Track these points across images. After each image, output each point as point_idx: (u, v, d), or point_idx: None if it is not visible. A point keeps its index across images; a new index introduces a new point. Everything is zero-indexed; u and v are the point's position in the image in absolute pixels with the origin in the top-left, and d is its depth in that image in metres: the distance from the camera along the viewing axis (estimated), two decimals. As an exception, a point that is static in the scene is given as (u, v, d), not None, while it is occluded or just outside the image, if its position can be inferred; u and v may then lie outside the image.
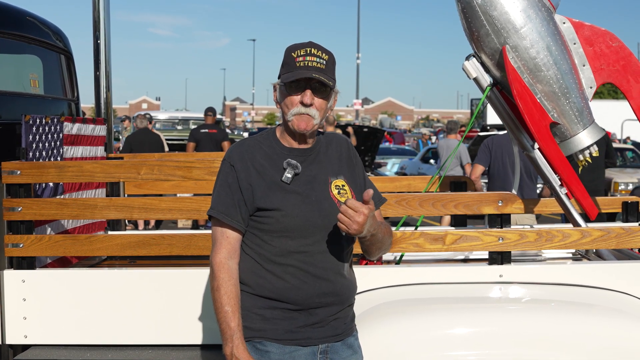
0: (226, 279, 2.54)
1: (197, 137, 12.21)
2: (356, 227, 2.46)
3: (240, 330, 2.50)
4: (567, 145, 3.81)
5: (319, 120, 2.62)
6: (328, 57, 2.62)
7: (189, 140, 12.33)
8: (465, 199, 3.72)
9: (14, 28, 4.53)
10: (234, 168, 2.63)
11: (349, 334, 2.72)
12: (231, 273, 2.56)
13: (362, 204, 2.46)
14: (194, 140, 12.21)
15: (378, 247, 2.71)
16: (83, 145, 4.62)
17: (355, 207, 2.45)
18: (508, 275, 3.53)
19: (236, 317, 2.51)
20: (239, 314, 2.52)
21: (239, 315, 2.52)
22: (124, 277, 3.66)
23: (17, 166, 3.65)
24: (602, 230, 3.53)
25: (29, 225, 3.67)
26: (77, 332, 3.59)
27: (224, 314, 2.51)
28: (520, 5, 3.60)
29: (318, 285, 2.59)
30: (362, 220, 2.45)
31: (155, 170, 3.69)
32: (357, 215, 2.44)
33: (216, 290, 2.54)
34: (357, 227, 2.46)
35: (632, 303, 3.46)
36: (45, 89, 4.94)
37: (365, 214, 2.45)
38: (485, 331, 3.27)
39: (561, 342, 3.22)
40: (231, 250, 2.59)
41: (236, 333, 2.49)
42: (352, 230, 2.46)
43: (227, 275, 2.55)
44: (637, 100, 3.81)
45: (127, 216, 3.74)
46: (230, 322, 2.50)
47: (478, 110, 4.49)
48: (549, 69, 3.64)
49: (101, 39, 5.29)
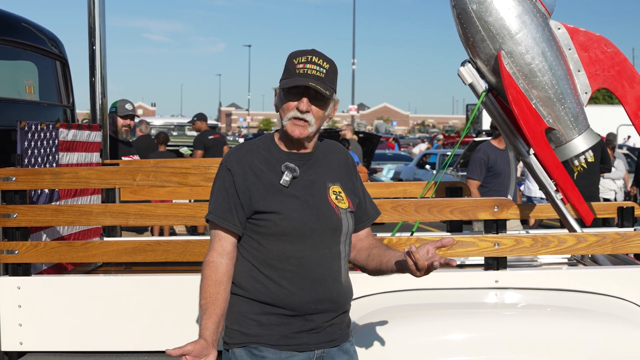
0: (208, 274, 2.55)
1: (207, 144, 11.87)
2: (423, 274, 2.48)
3: (205, 327, 2.47)
4: (562, 151, 3.82)
5: (315, 127, 2.62)
6: (329, 66, 2.62)
7: (197, 148, 11.95)
8: (460, 205, 3.73)
9: (9, 34, 4.53)
10: (231, 172, 2.63)
11: (345, 339, 2.71)
12: (216, 269, 2.55)
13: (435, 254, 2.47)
14: (203, 147, 11.85)
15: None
16: (78, 152, 4.61)
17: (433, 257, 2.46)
18: (504, 281, 3.54)
19: (206, 313, 2.49)
20: (213, 307, 2.50)
21: (212, 309, 2.49)
22: (119, 284, 3.66)
23: (12, 172, 3.64)
24: (597, 235, 3.54)
25: (24, 231, 3.66)
26: (73, 338, 3.58)
27: (199, 307, 2.52)
28: (516, 11, 3.62)
29: (314, 291, 2.59)
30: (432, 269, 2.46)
31: (151, 177, 3.69)
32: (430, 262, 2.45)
33: (199, 287, 2.56)
34: (423, 274, 2.48)
35: (628, 308, 3.47)
36: (40, 95, 4.94)
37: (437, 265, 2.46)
38: (481, 337, 3.27)
39: (557, 347, 3.22)
40: (222, 252, 2.60)
41: (202, 330, 2.47)
42: (417, 274, 2.48)
43: (209, 271, 2.55)
44: (631, 105, 3.82)
45: (122, 222, 3.74)
46: (202, 316, 2.50)
47: (473, 115, 4.50)
48: (544, 74, 3.65)
49: (96, 45, 5.29)
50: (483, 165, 6.92)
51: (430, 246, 2.50)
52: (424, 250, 2.48)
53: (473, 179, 6.98)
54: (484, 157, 6.93)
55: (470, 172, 7.05)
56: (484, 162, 6.93)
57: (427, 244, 2.51)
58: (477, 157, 6.97)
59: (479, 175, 6.93)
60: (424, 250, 2.48)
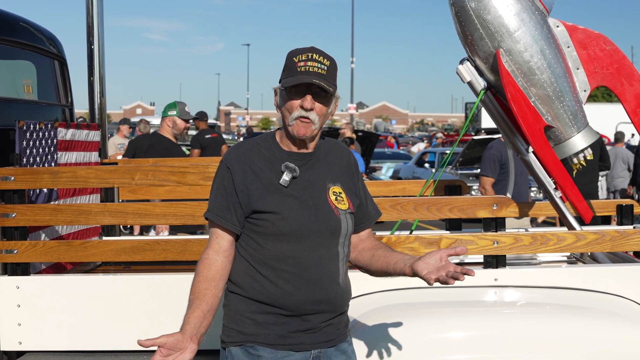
0: (200, 270, 2.55)
1: (203, 144, 11.81)
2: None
3: (186, 321, 2.47)
4: (561, 149, 3.82)
5: (318, 125, 2.61)
6: (329, 62, 2.61)
7: (194, 147, 11.90)
8: (459, 203, 3.72)
9: (7, 34, 4.53)
10: (230, 170, 2.62)
11: (342, 339, 2.70)
12: (209, 266, 2.55)
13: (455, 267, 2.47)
14: (200, 146, 11.79)
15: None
16: (77, 151, 4.61)
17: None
18: (503, 279, 3.54)
19: (191, 307, 2.49)
20: (199, 302, 2.50)
21: (197, 303, 2.49)
22: (118, 283, 3.66)
23: (11, 172, 3.64)
24: (596, 233, 3.54)
25: (23, 231, 3.66)
26: (72, 338, 3.58)
27: (188, 302, 2.52)
28: (514, 8, 3.61)
29: (311, 292, 2.57)
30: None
31: (150, 176, 3.69)
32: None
33: (191, 283, 2.56)
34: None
35: (627, 306, 3.47)
36: (39, 95, 4.94)
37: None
38: (480, 335, 3.27)
39: (556, 345, 3.22)
40: (219, 250, 2.59)
41: (183, 324, 2.47)
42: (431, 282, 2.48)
43: (202, 267, 2.55)
44: (630, 103, 3.82)
45: (121, 222, 3.74)
46: (187, 310, 2.50)
47: (472, 114, 4.49)
48: (542, 72, 3.65)
49: (95, 44, 5.29)
50: (497, 162, 6.86)
51: (443, 253, 2.51)
52: (437, 257, 2.51)
53: (487, 176, 6.92)
54: (497, 154, 6.89)
55: (483, 169, 7.01)
56: (497, 159, 6.88)
57: (440, 251, 2.52)
58: (490, 154, 6.92)
59: (493, 172, 6.88)
60: (437, 257, 2.50)
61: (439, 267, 2.47)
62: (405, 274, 2.61)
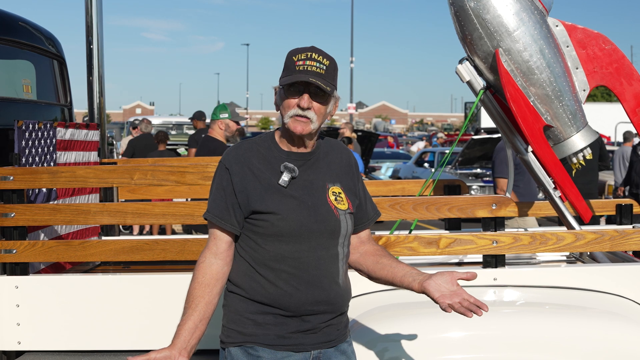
0: (196, 275, 2.56)
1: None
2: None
3: (177, 334, 2.48)
4: (560, 148, 3.82)
5: (317, 124, 2.60)
6: (329, 62, 2.61)
7: (191, 146, 11.77)
8: (459, 203, 3.72)
9: (6, 33, 4.53)
10: (229, 171, 2.61)
11: (342, 340, 2.70)
12: (204, 271, 2.56)
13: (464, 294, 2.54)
14: (197, 145, 11.87)
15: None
16: (76, 151, 4.61)
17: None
18: (502, 279, 3.54)
19: (183, 318, 2.51)
20: (191, 311, 2.51)
21: (189, 313, 2.51)
22: (117, 283, 3.66)
23: (10, 172, 3.64)
24: (596, 233, 3.54)
25: (22, 231, 3.66)
26: (71, 338, 3.58)
27: (183, 309, 2.54)
28: (513, 8, 3.61)
29: (311, 293, 2.57)
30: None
31: (149, 176, 3.69)
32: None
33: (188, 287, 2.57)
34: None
35: (626, 305, 3.47)
36: (38, 95, 4.94)
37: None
38: (479, 334, 3.27)
39: (555, 345, 3.22)
40: (217, 252, 2.59)
41: (174, 337, 2.49)
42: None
43: (198, 272, 2.56)
44: (630, 102, 3.82)
45: (120, 221, 3.74)
46: (180, 320, 2.52)
47: (472, 113, 4.49)
48: (542, 71, 3.65)
49: (94, 44, 5.29)
50: (511, 163, 6.75)
51: (455, 277, 2.57)
52: (448, 279, 2.56)
53: (503, 178, 6.83)
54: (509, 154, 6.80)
55: (499, 171, 6.82)
56: (511, 158, 6.78)
57: (453, 273, 2.58)
58: (502, 156, 6.78)
59: (508, 173, 6.77)
60: (448, 279, 2.56)
61: (452, 293, 2.53)
62: (412, 289, 2.63)
